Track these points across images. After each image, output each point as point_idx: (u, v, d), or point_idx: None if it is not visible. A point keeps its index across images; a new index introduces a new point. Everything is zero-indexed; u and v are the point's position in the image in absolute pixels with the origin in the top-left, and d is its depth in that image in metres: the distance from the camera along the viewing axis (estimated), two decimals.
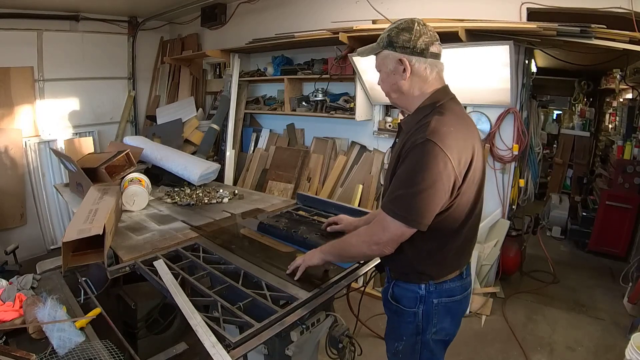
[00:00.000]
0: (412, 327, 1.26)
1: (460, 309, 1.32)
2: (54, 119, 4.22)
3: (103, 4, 4.10)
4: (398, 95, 1.24)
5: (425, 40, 1.17)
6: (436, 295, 1.24)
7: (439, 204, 1.09)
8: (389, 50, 1.20)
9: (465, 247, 1.27)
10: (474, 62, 2.57)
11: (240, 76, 4.05)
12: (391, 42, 1.19)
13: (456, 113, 1.17)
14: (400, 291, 1.28)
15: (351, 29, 2.95)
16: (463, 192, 1.13)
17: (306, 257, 1.37)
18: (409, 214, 1.09)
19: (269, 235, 1.77)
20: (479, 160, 1.18)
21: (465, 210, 1.17)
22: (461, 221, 1.18)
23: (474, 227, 1.26)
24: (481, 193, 1.24)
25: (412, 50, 1.17)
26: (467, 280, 1.31)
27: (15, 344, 1.25)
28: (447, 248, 1.20)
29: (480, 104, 2.83)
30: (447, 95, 1.21)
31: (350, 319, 1.79)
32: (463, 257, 1.29)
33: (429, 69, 1.19)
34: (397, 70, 1.20)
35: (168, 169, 2.79)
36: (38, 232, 4.12)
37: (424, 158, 1.06)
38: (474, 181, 1.16)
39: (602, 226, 3.88)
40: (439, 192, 1.07)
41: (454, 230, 1.18)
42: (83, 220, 1.63)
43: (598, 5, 2.37)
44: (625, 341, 1.90)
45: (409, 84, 1.20)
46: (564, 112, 6.97)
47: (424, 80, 1.20)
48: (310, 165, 3.74)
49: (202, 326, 1.10)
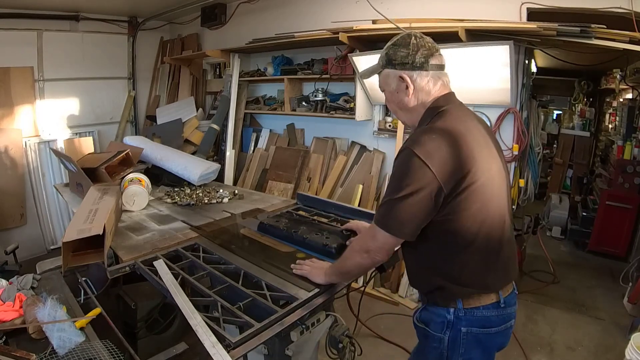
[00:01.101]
0: (436, 353, 1.19)
1: (495, 343, 1.20)
2: (54, 119, 4.22)
3: (103, 4, 4.10)
4: (405, 112, 1.23)
5: (423, 53, 1.15)
6: (466, 323, 1.14)
7: (420, 213, 1.05)
8: (389, 69, 1.19)
9: (489, 262, 1.13)
10: (474, 62, 2.57)
11: (240, 76, 4.05)
12: (390, 60, 1.18)
13: (453, 118, 1.12)
14: (428, 315, 1.21)
15: (351, 29, 2.95)
16: (461, 200, 1.05)
17: (313, 271, 1.36)
18: (391, 222, 1.08)
19: (269, 235, 1.76)
20: (488, 168, 1.10)
21: (470, 220, 1.08)
22: (469, 232, 1.08)
23: (494, 239, 1.13)
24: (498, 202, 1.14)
25: (412, 66, 1.15)
26: (506, 311, 1.17)
27: (15, 344, 1.25)
28: (460, 262, 1.12)
29: (480, 104, 2.83)
30: (448, 102, 1.17)
31: (350, 319, 1.79)
32: (491, 275, 1.14)
33: (432, 82, 1.17)
34: (400, 88, 1.19)
35: (168, 169, 2.79)
36: (38, 232, 4.12)
37: (402, 167, 1.06)
38: (479, 189, 1.06)
39: (602, 226, 3.89)
40: (419, 202, 1.03)
41: (463, 243, 1.09)
42: (83, 220, 1.63)
43: (598, 5, 2.36)
44: (625, 341, 1.90)
45: (414, 100, 1.18)
46: (564, 112, 6.97)
47: (428, 93, 1.18)
48: (310, 165, 3.74)
49: (202, 326, 1.09)
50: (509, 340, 1.24)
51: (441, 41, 1.23)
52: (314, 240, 1.59)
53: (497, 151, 1.21)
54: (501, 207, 1.15)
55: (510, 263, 1.20)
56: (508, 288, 1.19)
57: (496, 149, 1.20)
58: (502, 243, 1.15)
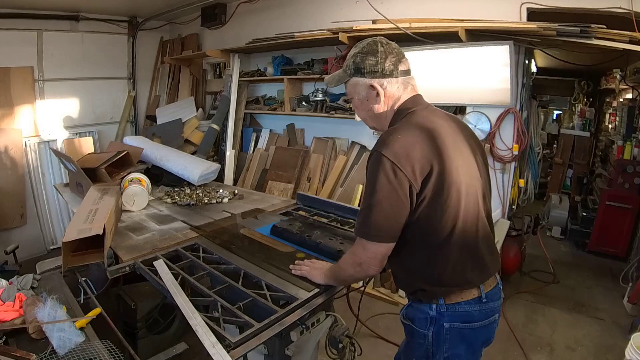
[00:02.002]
0: (422, 349, 1.20)
1: (480, 338, 1.20)
2: (54, 119, 4.22)
3: (103, 4, 4.11)
4: (374, 119, 1.23)
5: (392, 61, 1.15)
6: (448, 318, 1.14)
7: (399, 213, 1.05)
8: (357, 77, 1.18)
9: (466, 260, 1.14)
10: (474, 62, 2.57)
11: (240, 76, 4.05)
12: (358, 68, 1.17)
13: (420, 118, 1.13)
14: (412, 312, 1.22)
15: (351, 29, 2.95)
16: (430, 198, 1.05)
17: (312, 271, 1.36)
18: (371, 229, 1.07)
19: (281, 240, 1.72)
20: (458, 165, 1.10)
21: (443, 218, 1.08)
22: (443, 231, 1.09)
23: (470, 237, 1.13)
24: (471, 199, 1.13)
25: (382, 74, 1.15)
26: (488, 305, 1.17)
27: (15, 344, 1.25)
28: (439, 262, 1.12)
29: (480, 104, 2.83)
30: (416, 104, 1.18)
31: (350, 319, 1.78)
32: (468, 273, 1.14)
33: (401, 88, 1.18)
34: (370, 96, 1.19)
35: (168, 169, 2.79)
36: (38, 232, 4.12)
37: (373, 171, 1.05)
38: (446, 185, 1.06)
39: (602, 226, 3.89)
40: (396, 202, 1.04)
41: (438, 243, 1.10)
42: (83, 220, 1.63)
43: (598, 5, 2.36)
44: (625, 341, 1.90)
45: (384, 107, 1.19)
46: (564, 112, 6.97)
47: (397, 99, 1.19)
48: (310, 165, 3.74)
49: (202, 326, 1.09)
50: (493, 335, 1.25)
51: (441, 41, 1.23)
52: (328, 245, 1.57)
53: (473, 147, 1.20)
54: (475, 203, 1.15)
55: (488, 258, 1.19)
56: (490, 283, 1.20)
57: (472, 146, 1.20)
58: (477, 238, 1.16)
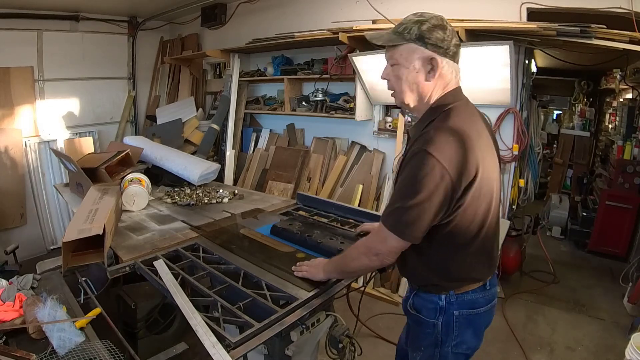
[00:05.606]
0: (431, 338, 1.21)
1: (483, 322, 1.25)
2: (54, 119, 4.22)
3: (103, 4, 4.11)
4: (413, 95, 1.13)
5: (455, 43, 1.09)
6: (457, 306, 1.17)
7: (434, 216, 1.04)
8: (417, 45, 1.08)
9: (482, 259, 1.18)
10: (474, 62, 2.57)
11: (240, 76, 4.05)
12: (422, 36, 1.07)
13: (463, 118, 1.07)
14: (420, 301, 1.23)
15: (351, 29, 2.95)
16: (468, 204, 1.05)
17: (311, 270, 1.35)
18: (406, 227, 1.05)
19: (281, 239, 1.72)
20: (491, 170, 1.09)
21: (473, 222, 1.09)
22: (470, 233, 1.11)
23: (489, 238, 1.17)
24: (495, 203, 1.15)
25: (445, 51, 1.08)
26: (491, 291, 1.23)
27: (15, 344, 1.24)
28: (458, 261, 1.15)
29: (480, 104, 2.82)
30: (457, 98, 1.12)
31: (350, 319, 1.78)
32: (481, 269, 1.19)
33: (454, 74, 1.12)
34: (422, 69, 1.10)
35: (168, 169, 2.79)
36: (38, 232, 4.12)
37: (420, 170, 1.00)
38: (483, 192, 1.07)
39: (602, 226, 3.89)
40: (435, 205, 1.02)
41: (462, 243, 1.12)
42: (83, 220, 1.63)
43: (598, 5, 2.37)
44: (625, 341, 1.89)
45: (431, 87, 1.11)
46: (564, 112, 6.97)
47: (446, 84, 1.12)
48: (310, 165, 3.74)
49: (202, 326, 1.09)
50: (492, 317, 1.30)
51: None
52: (328, 244, 1.57)
53: (496, 147, 1.21)
54: (496, 206, 1.17)
55: (496, 253, 1.25)
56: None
57: (495, 146, 1.20)
58: (494, 239, 1.21)
